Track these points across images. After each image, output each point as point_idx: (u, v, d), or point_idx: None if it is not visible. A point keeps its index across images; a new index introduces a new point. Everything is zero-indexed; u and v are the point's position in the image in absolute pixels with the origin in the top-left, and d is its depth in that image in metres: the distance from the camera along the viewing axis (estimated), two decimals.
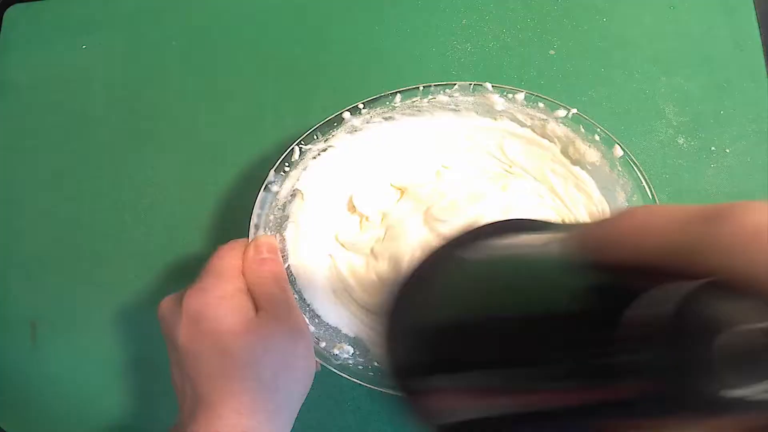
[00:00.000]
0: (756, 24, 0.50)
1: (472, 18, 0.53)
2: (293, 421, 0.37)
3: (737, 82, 0.50)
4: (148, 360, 0.49)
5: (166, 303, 0.38)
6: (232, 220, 0.50)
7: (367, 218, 0.47)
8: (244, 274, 0.38)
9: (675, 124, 0.49)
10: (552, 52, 0.51)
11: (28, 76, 0.56)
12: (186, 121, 0.53)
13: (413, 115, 0.45)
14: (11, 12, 0.57)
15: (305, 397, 0.37)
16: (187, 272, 0.50)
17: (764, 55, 0.50)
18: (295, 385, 0.36)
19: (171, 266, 0.50)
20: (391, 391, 0.40)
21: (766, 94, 0.49)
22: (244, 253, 0.39)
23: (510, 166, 0.47)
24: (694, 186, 0.48)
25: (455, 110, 0.45)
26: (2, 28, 0.57)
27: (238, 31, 0.54)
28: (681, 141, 0.49)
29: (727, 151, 0.48)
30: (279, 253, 0.41)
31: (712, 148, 0.49)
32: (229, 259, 0.38)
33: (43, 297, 0.51)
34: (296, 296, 0.43)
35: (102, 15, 0.57)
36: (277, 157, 0.43)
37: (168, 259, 0.50)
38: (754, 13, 0.50)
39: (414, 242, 0.45)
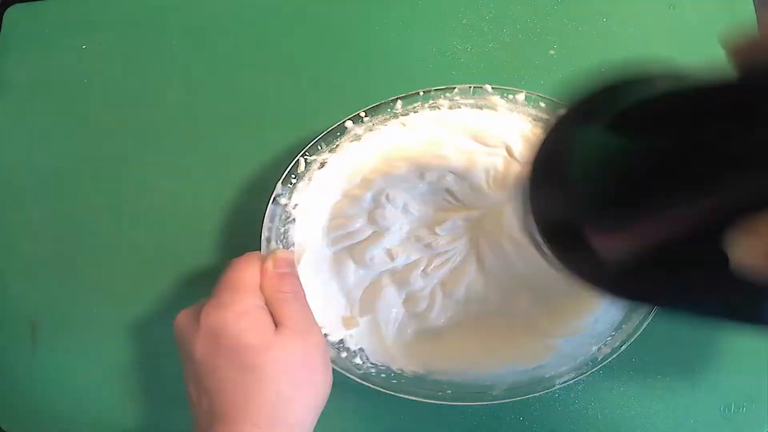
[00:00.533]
0: (756, 24, 0.50)
1: (472, 18, 0.53)
2: None
3: None
4: (148, 362, 0.49)
5: (183, 317, 0.38)
6: (237, 224, 0.50)
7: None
8: (261, 289, 0.38)
9: None
10: (552, 52, 0.51)
11: (28, 76, 0.56)
12: (186, 122, 0.53)
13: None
14: (11, 12, 0.57)
15: (322, 409, 0.37)
16: (189, 275, 0.50)
17: None
18: (313, 398, 0.36)
19: (172, 268, 0.50)
20: (412, 398, 0.41)
21: None
22: (261, 267, 0.39)
23: None
24: None
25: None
26: (2, 28, 0.57)
27: (239, 31, 0.54)
28: None
29: None
30: (297, 267, 0.41)
31: None
32: (246, 272, 0.38)
33: (43, 297, 0.52)
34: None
35: (102, 15, 0.56)
36: (281, 163, 0.43)
37: (168, 261, 0.50)
38: (754, 12, 0.50)
39: None
